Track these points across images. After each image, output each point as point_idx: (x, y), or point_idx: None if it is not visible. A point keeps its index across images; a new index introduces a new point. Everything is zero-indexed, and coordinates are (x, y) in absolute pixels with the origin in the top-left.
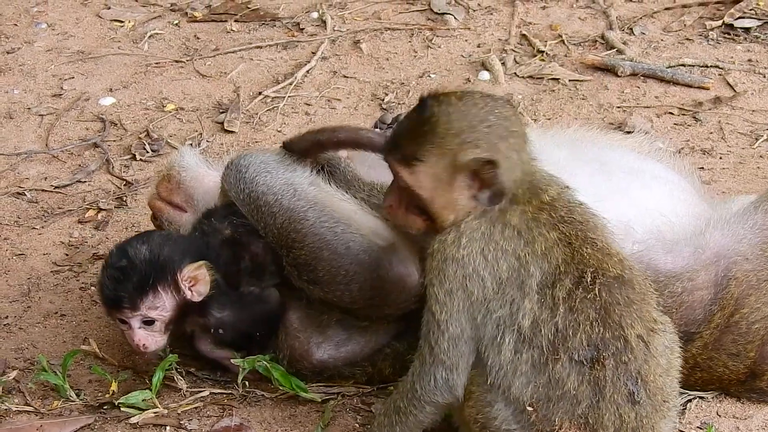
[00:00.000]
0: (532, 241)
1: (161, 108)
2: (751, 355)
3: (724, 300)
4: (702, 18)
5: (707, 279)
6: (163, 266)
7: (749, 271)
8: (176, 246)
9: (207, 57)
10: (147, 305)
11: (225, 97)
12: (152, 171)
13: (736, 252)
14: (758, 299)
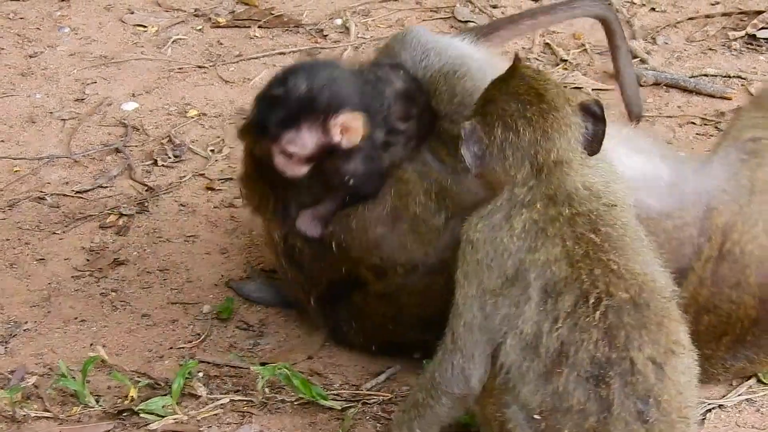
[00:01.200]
0: (535, 249)
1: (184, 114)
2: (751, 280)
3: (710, 230)
4: (725, 28)
5: (694, 216)
6: (316, 107)
7: (728, 200)
8: (340, 88)
9: (230, 63)
10: (286, 140)
11: (248, 104)
12: (174, 177)
13: (713, 186)
14: (745, 223)
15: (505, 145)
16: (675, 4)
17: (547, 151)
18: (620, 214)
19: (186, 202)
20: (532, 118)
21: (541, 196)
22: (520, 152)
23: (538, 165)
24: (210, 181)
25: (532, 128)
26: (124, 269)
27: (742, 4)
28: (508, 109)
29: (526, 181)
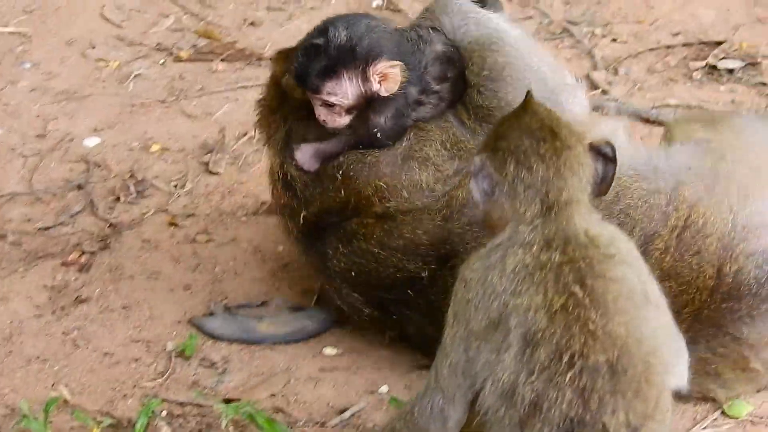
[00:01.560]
0: (519, 293)
1: (146, 149)
2: (711, 248)
3: (677, 201)
4: (686, 59)
5: (664, 185)
6: (356, 56)
7: (696, 178)
8: (379, 38)
9: (193, 97)
10: (327, 90)
11: (210, 138)
12: (137, 213)
13: (683, 164)
14: (710, 199)
15: (516, 181)
16: (636, 35)
17: (559, 189)
18: (617, 266)
19: (149, 239)
20: (546, 155)
21: (541, 237)
22: (532, 189)
23: (549, 203)
24: (173, 216)
25: (546, 165)
26: (86, 307)
27: (703, 35)
28: (521, 145)
29: (533, 220)
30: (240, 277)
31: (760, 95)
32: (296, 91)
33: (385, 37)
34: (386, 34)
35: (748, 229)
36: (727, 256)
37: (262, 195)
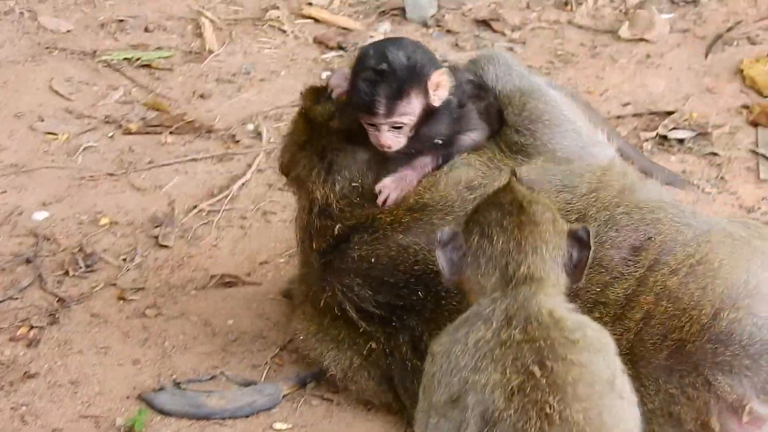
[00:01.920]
0: (478, 370)
1: (95, 222)
2: (718, 290)
3: (703, 240)
4: (636, 129)
5: (697, 225)
6: (418, 73)
7: (727, 235)
8: (425, 53)
9: (142, 170)
10: (400, 112)
11: (160, 211)
12: (86, 287)
13: (722, 222)
14: (733, 253)
15: (479, 252)
16: (587, 106)
17: (518, 263)
18: (581, 352)
19: (98, 313)
20: (508, 228)
21: (502, 313)
22: (492, 261)
23: (507, 277)
24: (122, 290)
25: (507, 238)
26: (35, 382)
27: (653, 105)
28: (488, 217)
29: (492, 292)
30: (189, 352)
31: (711, 165)
32: (335, 121)
33: (428, 51)
34: (426, 49)
35: (758, 292)
36: (730, 303)
37: (212, 268)
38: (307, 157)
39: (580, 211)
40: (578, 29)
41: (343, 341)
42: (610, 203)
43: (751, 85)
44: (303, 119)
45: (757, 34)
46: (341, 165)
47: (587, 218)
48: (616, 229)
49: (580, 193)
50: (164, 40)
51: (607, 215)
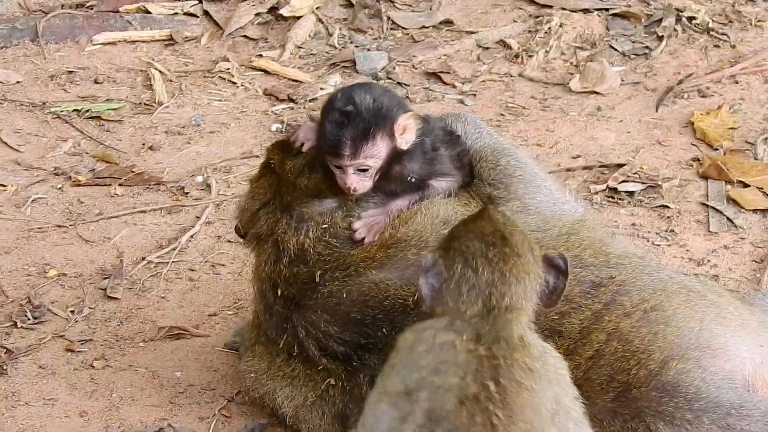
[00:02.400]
0: (438, 371)
1: (43, 274)
2: (669, 338)
3: (662, 287)
4: (586, 182)
5: (657, 274)
6: (384, 115)
7: (685, 286)
8: (393, 96)
9: (90, 222)
10: (365, 154)
11: (108, 263)
12: (34, 338)
13: (681, 276)
14: (689, 303)
15: (462, 281)
16: (536, 158)
17: (502, 294)
18: (535, 379)
19: (45, 365)
20: (493, 260)
21: (473, 330)
22: (475, 291)
23: (489, 306)
24: (70, 342)
25: (491, 269)
26: None
27: (603, 158)
28: (471, 247)
29: (471, 319)
30: (137, 404)
31: (661, 218)
32: (302, 179)
33: (396, 95)
34: (395, 93)
35: (708, 345)
36: (680, 353)
37: (160, 320)
38: (271, 212)
39: (549, 249)
40: (529, 82)
41: (297, 378)
42: (579, 245)
43: (701, 138)
44: (269, 176)
45: (707, 87)
46: (312, 213)
47: None
48: (581, 267)
49: (552, 235)
50: (114, 91)
51: (575, 254)
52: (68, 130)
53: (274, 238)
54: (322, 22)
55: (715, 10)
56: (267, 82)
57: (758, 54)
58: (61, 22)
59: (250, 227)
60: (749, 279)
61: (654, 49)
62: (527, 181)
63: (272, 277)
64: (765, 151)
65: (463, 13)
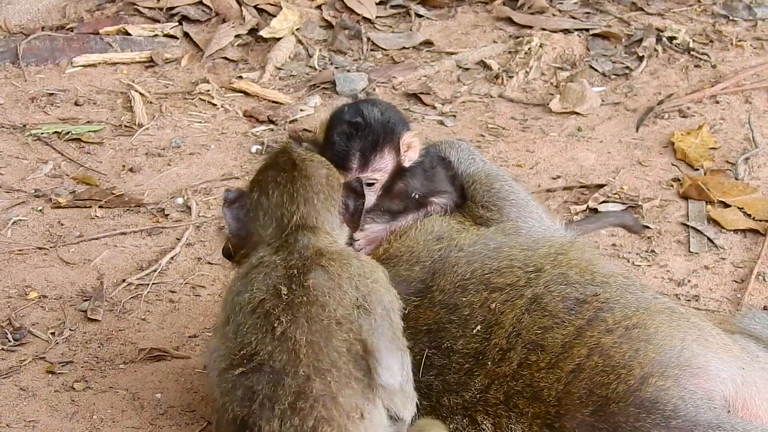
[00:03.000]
0: (240, 292)
1: (24, 296)
2: (650, 355)
3: (646, 306)
4: (567, 202)
5: (642, 293)
6: (391, 129)
7: (670, 309)
8: (399, 113)
9: (71, 244)
10: (373, 167)
11: (89, 285)
12: (14, 360)
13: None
14: (671, 322)
15: (258, 207)
16: (517, 179)
17: (291, 213)
18: (326, 279)
19: (26, 387)
20: (281, 183)
21: (273, 250)
22: (268, 214)
23: (282, 226)
24: (51, 364)
25: (280, 192)
26: None
27: (583, 178)
28: (265, 176)
29: (272, 241)
30: (118, 425)
31: (641, 238)
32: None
33: (399, 112)
34: (398, 110)
35: (689, 364)
36: (660, 370)
37: (140, 342)
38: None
39: (537, 266)
40: (509, 102)
41: None
42: (567, 264)
43: (682, 158)
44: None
45: (688, 107)
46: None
47: (542, 272)
48: (566, 284)
49: (540, 254)
50: (94, 113)
51: (561, 272)
52: (49, 152)
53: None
54: (302, 43)
55: (696, 30)
56: (247, 103)
57: (739, 74)
58: (42, 44)
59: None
60: (730, 299)
61: (634, 69)
62: (520, 206)
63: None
64: (746, 171)
65: (443, 34)
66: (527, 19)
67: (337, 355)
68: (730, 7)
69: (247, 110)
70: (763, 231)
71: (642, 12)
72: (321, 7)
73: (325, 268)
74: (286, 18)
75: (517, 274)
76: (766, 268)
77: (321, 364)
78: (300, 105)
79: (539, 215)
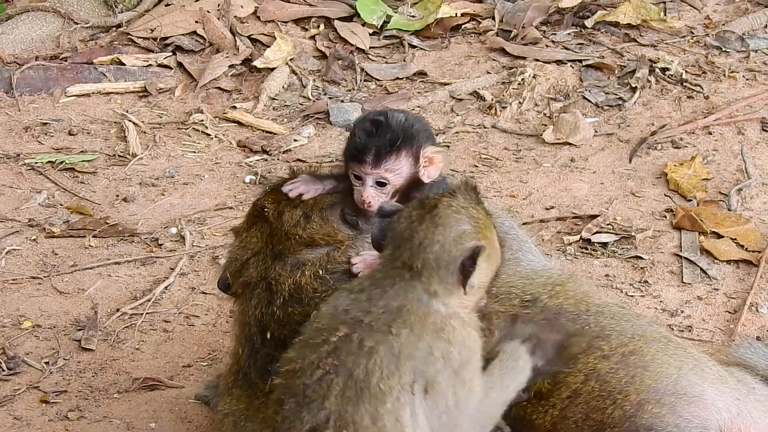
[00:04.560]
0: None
1: (18, 325)
2: (646, 382)
3: (640, 334)
4: (560, 233)
5: (639, 321)
6: (413, 135)
7: (664, 337)
8: (426, 126)
9: (65, 273)
10: (387, 166)
11: (82, 314)
12: (8, 390)
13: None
14: (667, 351)
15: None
16: (510, 209)
17: (407, 251)
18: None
19: (20, 416)
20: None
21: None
22: (392, 242)
23: (395, 256)
24: (45, 393)
25: (407, 225)
26: None
27: (577, 209)
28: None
29: (383, 267)
30: None
31: (635, 269)
32: (299, 228)
33: (430, 128)
34: (429, 127)
35: (685, 392)
36: (656, 397)
37: (134, 372)
38: (262, 260)
39: (534, 295)
40: (502, 133)
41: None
42: (564, 296)
43: (675, 189)
44: (260, 225)
45: (681, 138)
46: (306, 258)
47: (537, 301)
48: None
49: (538, 283)
50: (88, 143)
51: (556, 303)
52: (42, 182)
53: (267, 282)
54: (296, 73)
55: (689, 62)
56: (241, 133)
57: (731, 105)
58: (36, 73)
59: (238, 277)
60: (723, 330)
61: (627, 100)
62: (520, 241)
63: (263, 321)
64: (738, 202)
65: (436, 64)
66: (520, 49)
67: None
68: (722, 38)
69: (240, 140)
70: (755, 262)
71: (635, 43)
72: (315, 37)
73: (389, 327)
74: (280, 48)
75: (514, 302)
76: (758, 299)
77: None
78: (294, 135)
79: (536, 252)
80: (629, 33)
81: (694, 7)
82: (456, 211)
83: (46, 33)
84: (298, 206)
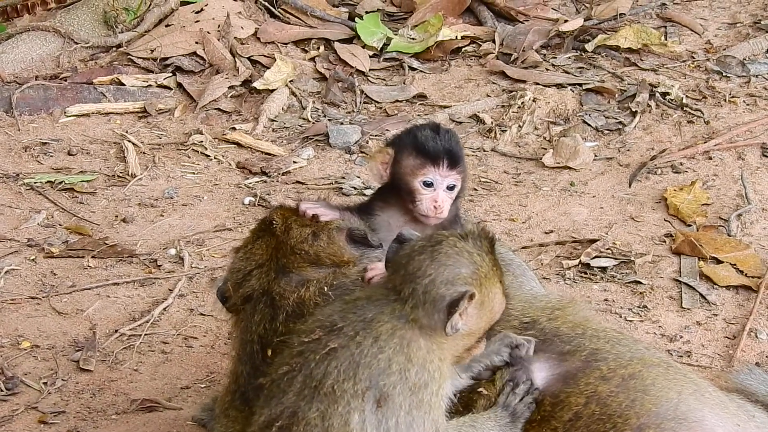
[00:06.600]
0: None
1: (16, 345)
2: (646, 406)
3: (639, 358)
4: (559, 257)
5: (635, 346)
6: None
7: (664, 362)
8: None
9: (63, 294)
10: (459, 169)
11: (81, 335)
12: (7, 410)
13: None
14: (667, 376)
15: (400, 263)
16: (509, 233)
17: (401, 281)
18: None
19: None
20: (415, 251)
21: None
22: (391, 268)
23: (390, 285)
24: (43, 414)
25: (408, 258)
26: None
27: (576, 233)
28: (418, 239)
29: (380, 289)
30: None
31: (634, 294)
32: (306, 244)
33: None
34: None
35: (686, 417)
36: (656, 421)
37: (133, 393)
38: (265, 273)
39: (533, 318)
40: (502, 156)
41: None
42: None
43: (674, 214)
44: (266, 238)
45: (681, 163)
46: (311, 275)
47: (535, 323)
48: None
49: (538, 306)
50: (87, 163)
51: (554, 326)
52: (42, 202)
53: (271, 296)
54: (296, 95)
55: (689, 86)
56: (240, 155)
57: (732, 130)
58: (35, 93)
59: (239, 288)
60: (722, 355)
61: (627, 124)
62: (523, 268)
63: (265, 337)
64: (738, 227)
65: (436, 87)
66: (521, 73)
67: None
68: (723, 63)
69: (240, 162)
70: (755, 287)
71: (635, 67)
72: (314, 59)
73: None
74: (280, 70)
75: (513, 323)
76: (758, 325)
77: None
78: (293, 157)
79: (537, 283)
80: (630, 57)
81: (694, 32)
82: (458, 252)
83: (46, 53)
84: (308, 225)
